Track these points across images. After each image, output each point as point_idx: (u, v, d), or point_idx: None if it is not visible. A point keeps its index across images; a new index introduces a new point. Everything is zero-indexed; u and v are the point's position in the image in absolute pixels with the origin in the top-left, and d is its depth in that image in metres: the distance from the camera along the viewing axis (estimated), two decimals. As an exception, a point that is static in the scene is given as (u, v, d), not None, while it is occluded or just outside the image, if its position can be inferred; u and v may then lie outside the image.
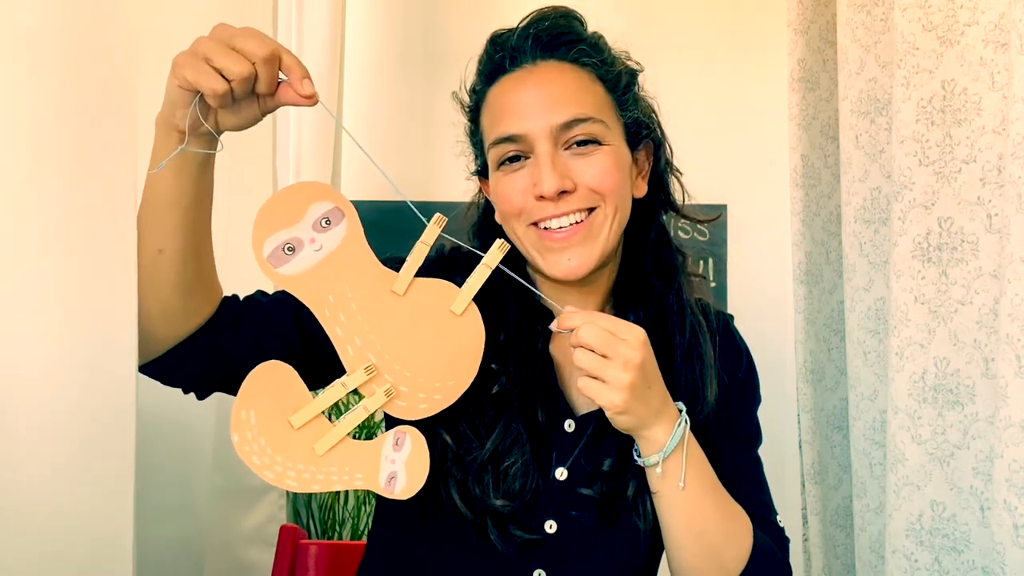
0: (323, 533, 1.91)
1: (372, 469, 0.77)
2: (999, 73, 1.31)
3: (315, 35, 1.91)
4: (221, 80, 0.70)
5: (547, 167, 0.82)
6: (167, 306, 0.81)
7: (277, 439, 0.76)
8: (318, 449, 0.76)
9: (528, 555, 0.88)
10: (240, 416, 0.76)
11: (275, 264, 0.76)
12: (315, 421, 0.77)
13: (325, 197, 0.76)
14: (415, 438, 0.78)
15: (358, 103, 2.10)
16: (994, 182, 1.31)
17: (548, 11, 0.89)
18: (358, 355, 0.77)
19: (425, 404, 0.78)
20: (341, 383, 0.77)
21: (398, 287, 0.77)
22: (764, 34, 2.05)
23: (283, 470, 0.76)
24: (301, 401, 0.77)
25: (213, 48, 0.71)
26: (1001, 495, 1.20)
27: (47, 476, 0.77)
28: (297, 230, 0.75)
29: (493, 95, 0.89)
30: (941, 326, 1.38)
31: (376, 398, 0.77)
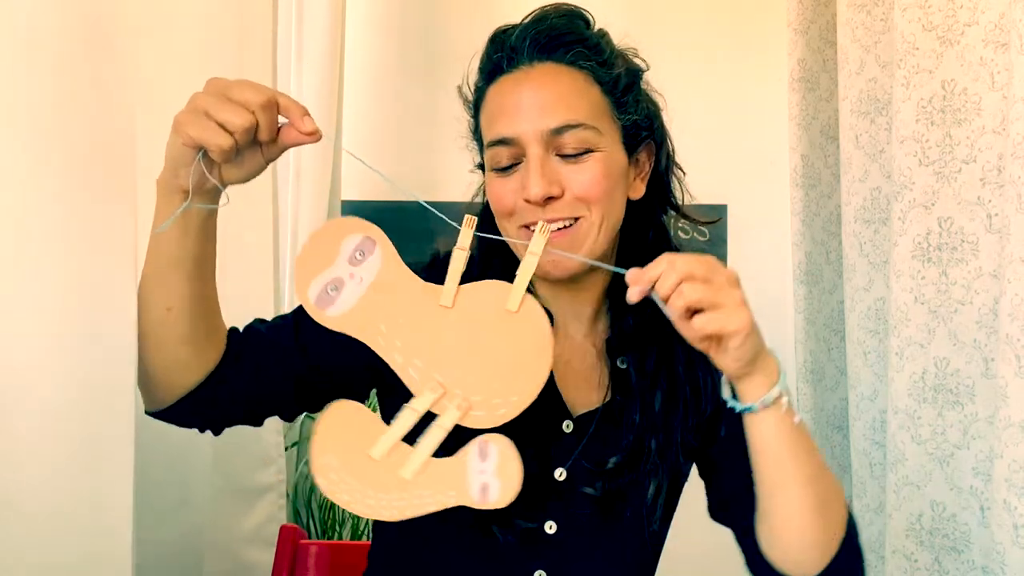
0: (323, 533, 1.91)
1: (462, 484, 0.76)
2: (999, 73, 1.31)
3: (315, 35, 1.91)
4: (225, 134, 0.71)
5: (535, 172, 0.82)
6: (178, 360, 0.81)
7: (362, 474, 0.76)
8: (405, 474, 0.75)
9: (529, 556, 0.88)
10: (320, 462, 0.76)
11: (323, 307, 0.76)
12: (395, 449, 0.76)
13: (353, 230, 0.76)
14: (500, 445, 0.76)
15: (358, 103, 2.10)
16: (994, 182, 1.32)
17: (550, 10, 0.89)
18: (423, 376, 0.76)
19: (504, 409, 0.76)
20: (411, 408, 0.76)
21: (445, 300, 0.76)
22: (764, 34, 2.05)
23: (375, 503, 0.76)
24: (377, 433, 0.76)
25: (212, 103, 0.71)
26: (1001, 495, 1.20)
27: (46, 476, 0.77)
28: (335, 269, 0.76)
29: (491, 95, 0.89)
30: (941, 326, 1.38)
31: (450, 414, 0.75)
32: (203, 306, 0.81)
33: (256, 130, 0.72)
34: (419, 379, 0.76)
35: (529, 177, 0.82)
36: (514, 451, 0.75)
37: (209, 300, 0.82)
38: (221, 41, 1.37)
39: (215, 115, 0.71)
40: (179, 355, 0.81)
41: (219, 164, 0.75)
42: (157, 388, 0.82)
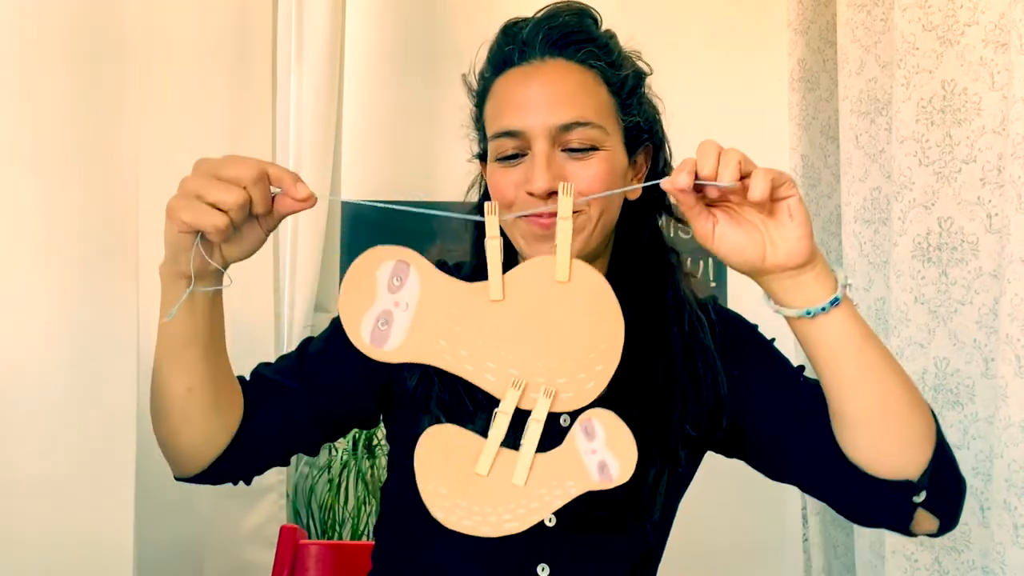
0: (323, 533, 1.91)
1: (579, 470, 0.74)
2: (999, 73, 1.31)
3: (315, 35, 1.91)
4: (219, 214, 0.70)
5: (541, 167, 0.83)
6: (203, 433, 0.82)
7: (475, 494, 0.74)
8: (518, 481, 0.73)
9: (531, 551, 0.89)
10: (430, 492, 0.74)
11: (379, 344, 0.74)
12: (500, 459, 0.74)
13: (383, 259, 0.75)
14: (603, 418, 0.73)
15: (358, 103, 2.10)
16: (994, 182, 1.32)
17: (563, 7, 0.90)
18: (500, 377, 0.74)
19: (592, 382, 0.73)
20: (501, 412, 0.73)
21: (495, 293, 0.74)
22: (764, 34, 2.05)
23: (497, 519, 0.74)
24: (476, 448, 0.74)
25: (202, 184, 0.71)
26: (1001, 495, 1.20)
27: (48, 476, 0.77)
28: (379, 303, 0.74)
29: (499, 85, 0.89)
30: (941, 326, 1.38)
31: (540, 405, 0.73)
32: (221, 378, 0.82)
33: (250, 205, 0.72)
34: (497, 381, 0.74)
35: (535, 171, 0.83)
36: (619, 421, 0.73)
37: (225, 370, 0.83)
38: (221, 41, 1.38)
39: (207, 197, 0.70)
40: (204, 429, 0.82)
41: (218, 244, 0.75)
42: (186, 462, 0.83)
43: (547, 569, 0.89)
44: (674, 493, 0.93)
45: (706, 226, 0.76)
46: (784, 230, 0.74)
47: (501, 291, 0.74)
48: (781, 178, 0.73)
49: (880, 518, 0.87)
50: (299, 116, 1.88)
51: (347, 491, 1.91)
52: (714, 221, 0.76)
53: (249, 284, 1.48)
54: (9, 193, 0.76)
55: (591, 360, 0.73)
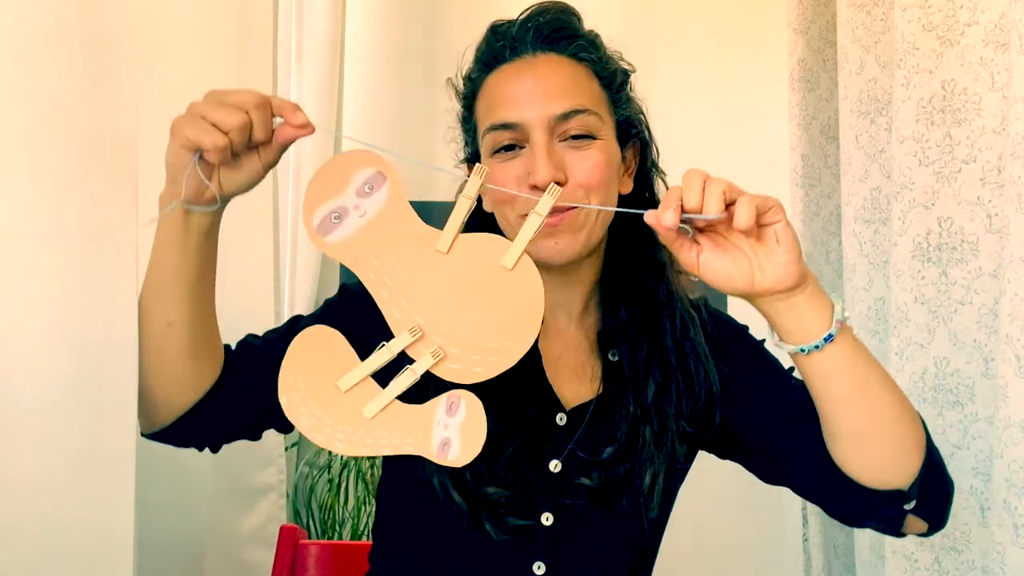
0: (323, 533, 1.91)
1: (424, 434, 0.75)
2: (999, 73, 1.31)
3: (315, 35, 1.91)
4: (219, 133, 0.72)
5: (542, 157, 0.83)
6: (178, 376, 0.82)
7: (325, 402, 0.76)
8: (367, 412, 0.75)
9: (527, 548, 0.89)
10: (288, 381, 0.76)
11: (323, 233, 0.76)
12: (364, 386, 0.76)
13: (367, 163, 0.76)
14: (470, 402, 0.75)
15: (358, 103, 2.10)
16: (994, 182, 1.32)
17: (548, 5, 0.91)
18: (404, 317, 0.76)
19: (481, 368, 0.75)
20: (387, 347, 0.75)
21: (442, 245, 0.75)
22: (764, 34, 2.05)
23: (332, 432, 0.75)
24: (348, 365, 0.76)
25: (207, 107, 0.73)
26: (1001, 495, 1.20)
27: (47, 476, 0.77)
28: (342, 199, 0.76)
29: (490, 83, 0.89)
30: (941, 326, 1.38)
31: (423, 361, 0.75)
32: (203, 321, 0.81)
33: (251, 131, 0.73)
34: (400, 319, 0.76)
35: (536, 162, 0.83)
36: (483, 414, 0.75)
37: (209, 316, 0.83)
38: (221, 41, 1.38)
39: (210, 116, 0.72)
40: (179, 371, 0.81)
41: (217, 169, 0.76)
42: (156, 407, 0.83)
43: (543, 567, 0.89)
44: (671, 490, 0.94)
45: (690, 256, 0.76)
46: (771, 255, 0.75)
47: (448, 246, 0.75)
48: (766, 204, 0.73)
49: (870, 522, 0.88)
50: (299, 116, 1.88)
51: (347, 491, 1.91)
52: (699, 250, 0.76)
53: (249, 284, 1.48)
54: (6, 191, 0.76)
55: (491, 348, 0.75)
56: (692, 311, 0.95)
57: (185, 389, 0.83)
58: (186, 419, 0.83)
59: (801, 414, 0.88)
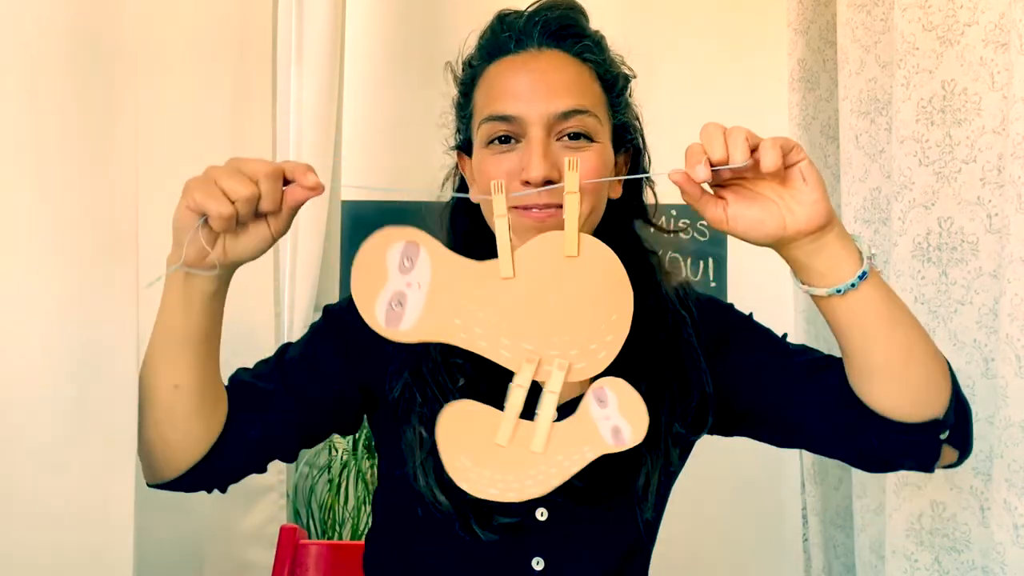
0: (323, 533, 1.91)
1: (594, 436, 0.76)
2: (999, 73, 1.31)
3: (315, 35, 1.91)
4: (226, 202, 0.72)
5: (538, 154, 0.82)
6: (184, 436, 0.82)
7: (497, 463, 0.76)
8: (536, 448, 0.76)
9: (525, 545, 0.89)
10: (455, 467, 0.76)
11: (393, 325, 0.75)
12: (518, 430, 0.76)
13: (393, 240, 0.75)
14: (614, 385, 0.75)
15: (358, 103, 2.10)
16: (994, 182, 1.32)
17: (559, 1, 0.90)
18: (514, 352, 0.76)
19: (603, 352, 0.75)
20: (517, 385, 0.75)
21: (505, 271, 0.76)
22: (764, 34, 2.05)
23: (520, 485, 0.76)
24: (495, 421, 0.76)
25: (221, 172, 0.73)
26: (1001, 495, 1.20)
27: (47, 476, 0.77)
28: (391, 284, 0.75)
29: (492, 73, 0.89)
30: (941, 326, 1.38)
31: (555, 377, 0.75)
32: (209, 381, 0.81)
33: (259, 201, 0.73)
34: (512, 356, 0.76)
35: (531, 159, 0.82)
36: (629, 387, 0.75)
37: (214, 374, 0.82)
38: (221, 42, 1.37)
39: (220, 182, 0.72)
40: (185, 431, 0.82)
41: (223, 237, 0.75)
42: (162, 464, 0.83)
43: (542, 563, 0.89)
44: (665, 489, 0.94)
45: (717, 211, 0.76)
46: (800, 195, 0.74)
47: (511, 268, 0.75)
48: (788, 144, 0.73)
49: (906, 460, 0.87)
50: (299, 116, 1.88)
51: (347, 491, 1.91)
52: (724, 204, 0.76)
53: (249, 284, 1.48)
54: (6, 196, 0.76)
55: (602, 331, 0.75)
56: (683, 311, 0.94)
57: (192, 446, 0.83)
58: (192, 472, 0.84)
59: (809, 372, 0.88)
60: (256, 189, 0.72)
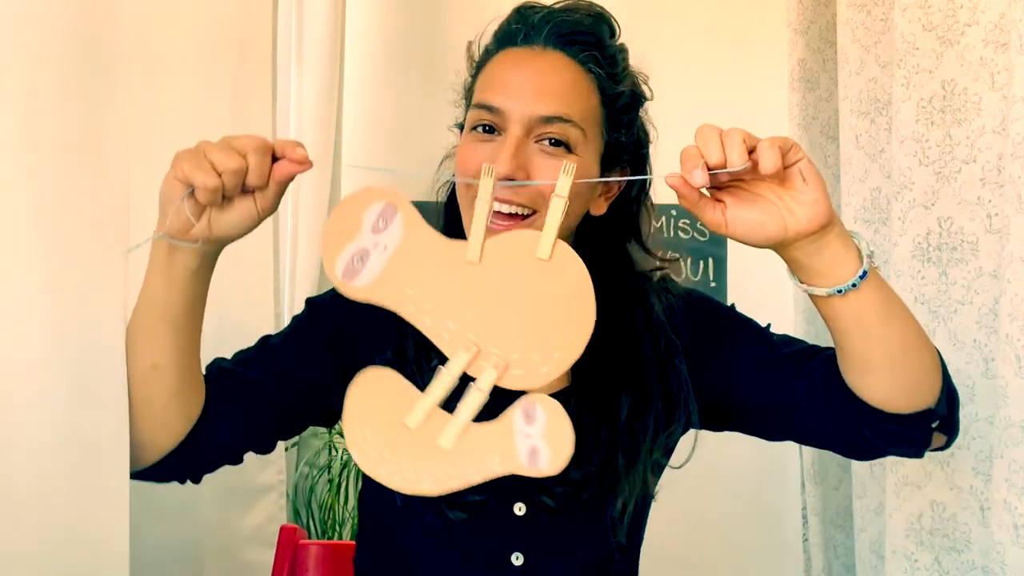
0: (323, 533, 1.91)
1: (509, 449, 0.71)
2: (999, 73, 1.31)
3: (315, 35, 1.91)
4: (213, 174, 0.71)
5: (508, 151, 0.82)
6: (162, 418, 0.81)
7: (399, 445, 0.72)
8: (444, 444, 0.72)
9: (503, 540, 0.88)
10: (354, 434, 0.73)
11: (351, 279, 0.74)
12: (433, 418, 0.72)
13: (374, 199, 0.74)
14: (547, 405, 0.71)
15: (358, 103, 2.10)
16: (994, 182, 1.31)
17: (583, 5, 0.89)
18: (455, 338, 0.73)
19: (546, 367, 0.71)
20: (446, 371, 0.72)
21: (472, 255, 0.73)
22: (764, 34, 2.05)
23: (414, 475, 0.72)
24: (411, 401, 0.73)
25: (211, 146, 0.72)
26: (1001, 495, 1.20)
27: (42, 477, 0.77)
28: (359, 240, 0.74)
29: (496, 61, 0.89)
30: (941, 326, 1.38)
31: (487, 375, 0.71)
32: (188, 362, 0.80)
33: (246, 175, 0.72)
34: (452, 340, 0.73)
35: (501, 153, 0.82)
36: (563, 413, 0.71)
37: (194, 356, 0.81)
38: (221, 41, 1.37)
39: (209, 155, 0.71)
40: (164, 413, 0.80)
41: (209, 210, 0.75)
42: (140, 448, 0.81)
43: (521, 558, 0.88)
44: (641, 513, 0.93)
45: (715, 215, 0.74)
46: (800, 195, 0.72)
47: (479, 254, 0.73)
48: (787, 143, 0.71)
49: (896, 449, 0.86)
50: (299, 116, 1.88)
51: (347, 491, 1.90)
52: (723, 207, 0.74)
53: (249, 284, 1.48)
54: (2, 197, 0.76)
55: (552, 344, 0.72)
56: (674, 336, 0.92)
57: (171, 429, 0.81)
58: (169, 459, 0.82)
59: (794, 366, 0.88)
60: (244, 162, 0.72)
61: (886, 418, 0.82)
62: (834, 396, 0.84)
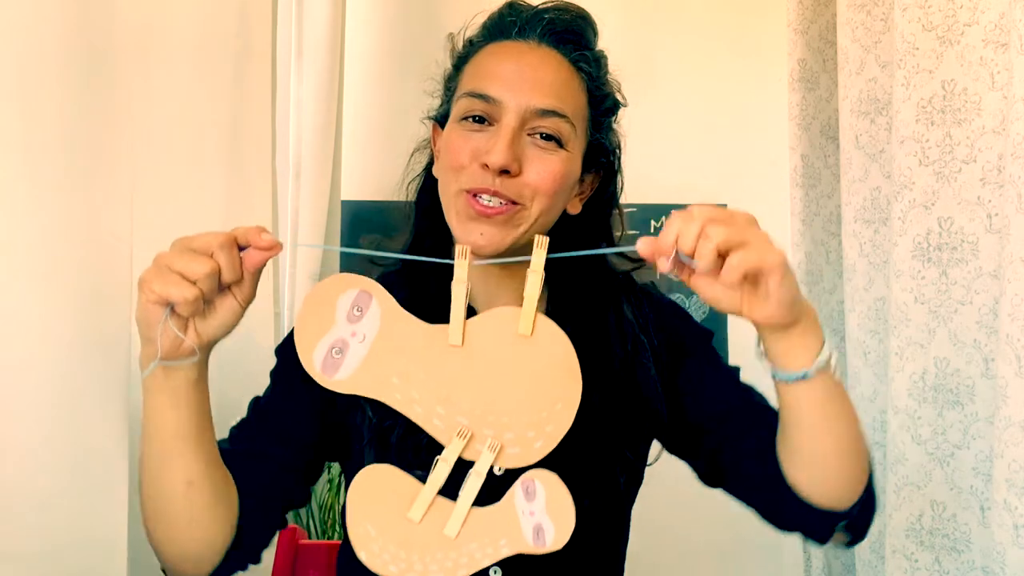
0: (323, 533, 1.91)
1: (514, 530, 0.72)
2: (999, 73, 1.31)
3: (315, 35, 1.91)
4: (188, 284, 0.69)
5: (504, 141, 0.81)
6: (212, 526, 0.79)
7: (405, 539, 0.72)
8: (450, 532, 0.72)
9: None
10: (359, 532, 0.73)
11: (330, 373, 0.72)
12: (434, 507, 0.72)
13: (347, 286, 0.73)
14: (546, 480, 0.72)
15: (358, 103, 2.10)
16: (994, 182, 1.31)
17: (573, 7, 0.89)
18: (447, 424, 0.72)
19: (540, 441, 0.72)
20: (443, 460, 0.72)
21: (454, 338, 0.72)
22: (764, 34, 2.05)
23: (423, 568, 0.72)
24: (412, 493, 0.72)
25: (172, 256, 0.70)
26: (1001, 495, 1.20)
27: (42, 479, 0.77)
28: (336, 331, 0.72)
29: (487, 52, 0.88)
30: (941, 326, 1.38)
31: (484, 458, 0.72)
32: (215, 465, 0.78)
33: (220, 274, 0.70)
34: (444, 427, 0.72)
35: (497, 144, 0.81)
36: (561, 485, 0.71)
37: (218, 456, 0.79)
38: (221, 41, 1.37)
39: (175, 266, 0.69)
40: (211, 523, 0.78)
41: (192, 320, 0.73)
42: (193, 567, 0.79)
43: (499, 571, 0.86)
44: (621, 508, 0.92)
45: (682, 274, 0.73)
46: (760, 302, 0.71)
47: (461, 336, 0.72)
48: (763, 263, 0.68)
49: (800, 531, 0.87)
50: (299, 116, 1.88)
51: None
52: (690, 271, 0.72)
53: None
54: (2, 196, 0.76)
55: (543, 419, 0.72)
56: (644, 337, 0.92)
57: (220, 533, 0.80)
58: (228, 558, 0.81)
59: (751, 424, 0.88)
60: (214, 263, 0.69)
61: (798, 501, 0.83)
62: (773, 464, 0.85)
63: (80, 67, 0.79)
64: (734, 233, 0.68)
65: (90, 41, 0.80)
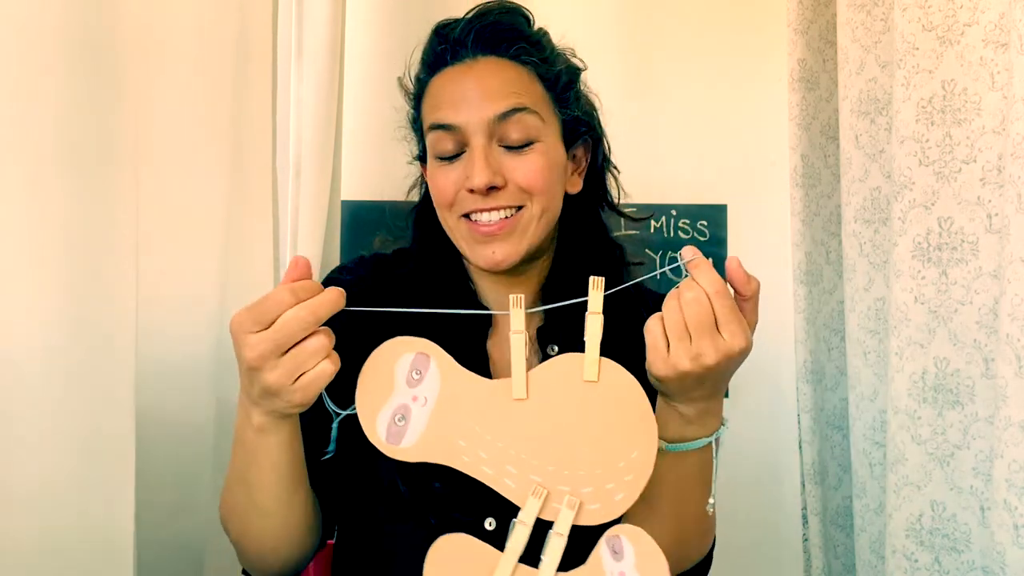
0: (323, 533, 1.91)
1: None
2: (999, 73, 1.31)
3: (315, 35, 1.91)
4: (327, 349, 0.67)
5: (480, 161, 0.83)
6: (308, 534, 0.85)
7: None
8: None
9: None
10: None
11: (395, 441, 0.70)
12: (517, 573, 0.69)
13: (403, 350, 0.71)
14: (633, 535, 0.67)
15: (358, 103, 2.10)
16: (994, 182, 1.32)
17: (493, 6, 0.91)
18: (520, 484, 0.69)
19: (621, 493, 0.68)
20: (520, 522, 0.69)
21: (518, 392, 0.70)
22: (764, 34, 2.05)
23: None
24: (490, 562, 0.69)
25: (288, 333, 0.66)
26: (1001, 495, 1.20)
27: (48, 477, 0.77)
28: (396, 397, 0.70)
29: (434, 85, 0.91)
30: (941, 326, 1.38)
31: (563, 517, 0.68)
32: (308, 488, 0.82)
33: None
34: (517, 487, 0.69)
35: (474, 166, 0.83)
36: (650, 540, 0.67)
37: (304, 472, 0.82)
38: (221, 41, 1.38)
39: (304, 350, 0.67)
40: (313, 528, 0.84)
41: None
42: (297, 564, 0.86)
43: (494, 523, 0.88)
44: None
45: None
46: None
47: (525, 389, 0.69)
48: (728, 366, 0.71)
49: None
50: (299, 116, 1.88)
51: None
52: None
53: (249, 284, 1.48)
54: (5, 191, 0.76)
55: (620, 469, 0.68)
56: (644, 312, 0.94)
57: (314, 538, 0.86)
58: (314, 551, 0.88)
59: None
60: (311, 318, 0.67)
61: None
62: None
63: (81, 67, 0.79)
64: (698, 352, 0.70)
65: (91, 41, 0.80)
